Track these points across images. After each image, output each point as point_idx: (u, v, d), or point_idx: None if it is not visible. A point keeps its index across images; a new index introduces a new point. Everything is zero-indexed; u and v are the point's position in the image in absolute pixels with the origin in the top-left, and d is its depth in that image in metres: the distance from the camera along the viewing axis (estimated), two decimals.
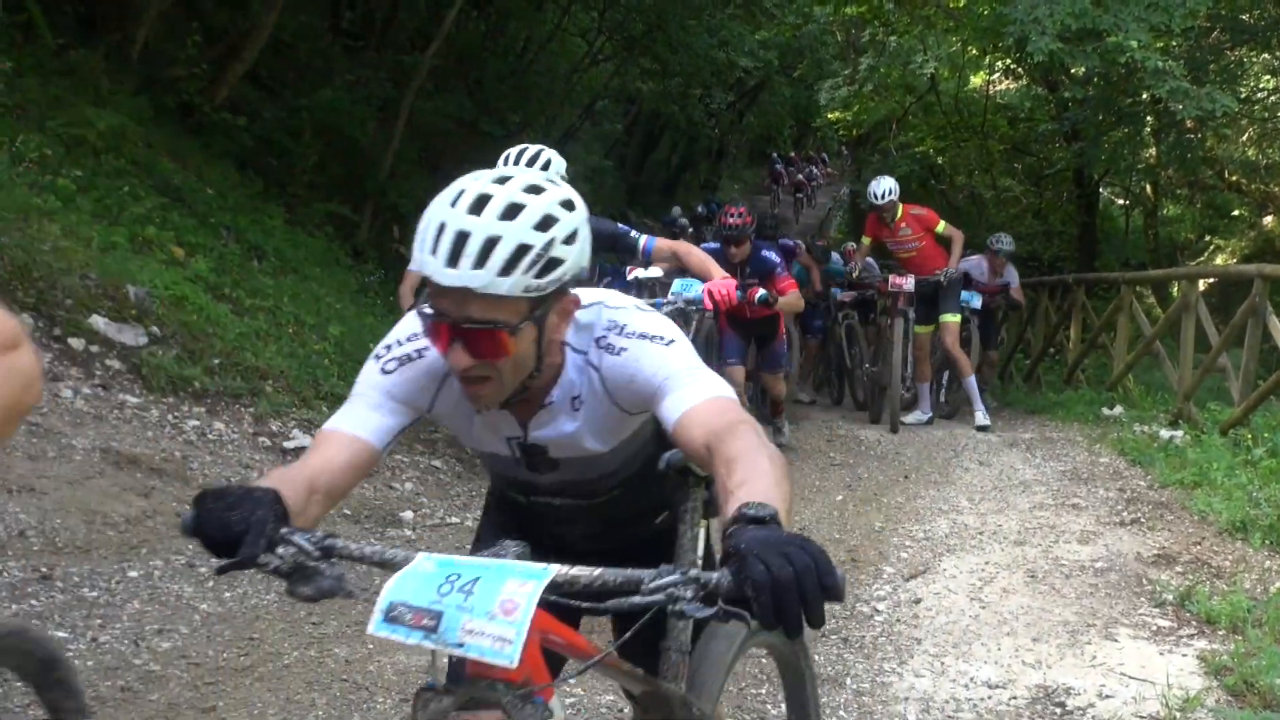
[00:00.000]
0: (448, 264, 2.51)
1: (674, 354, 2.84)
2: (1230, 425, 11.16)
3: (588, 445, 3.04)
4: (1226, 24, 21.11)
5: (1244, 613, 6.34)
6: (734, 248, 11.05)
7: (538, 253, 2.55)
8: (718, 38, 22.83)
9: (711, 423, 2.64)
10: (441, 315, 2.59)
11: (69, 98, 11.84)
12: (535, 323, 2.65)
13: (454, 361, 2.63)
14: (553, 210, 2.61)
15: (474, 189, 2.59)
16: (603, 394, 2.93)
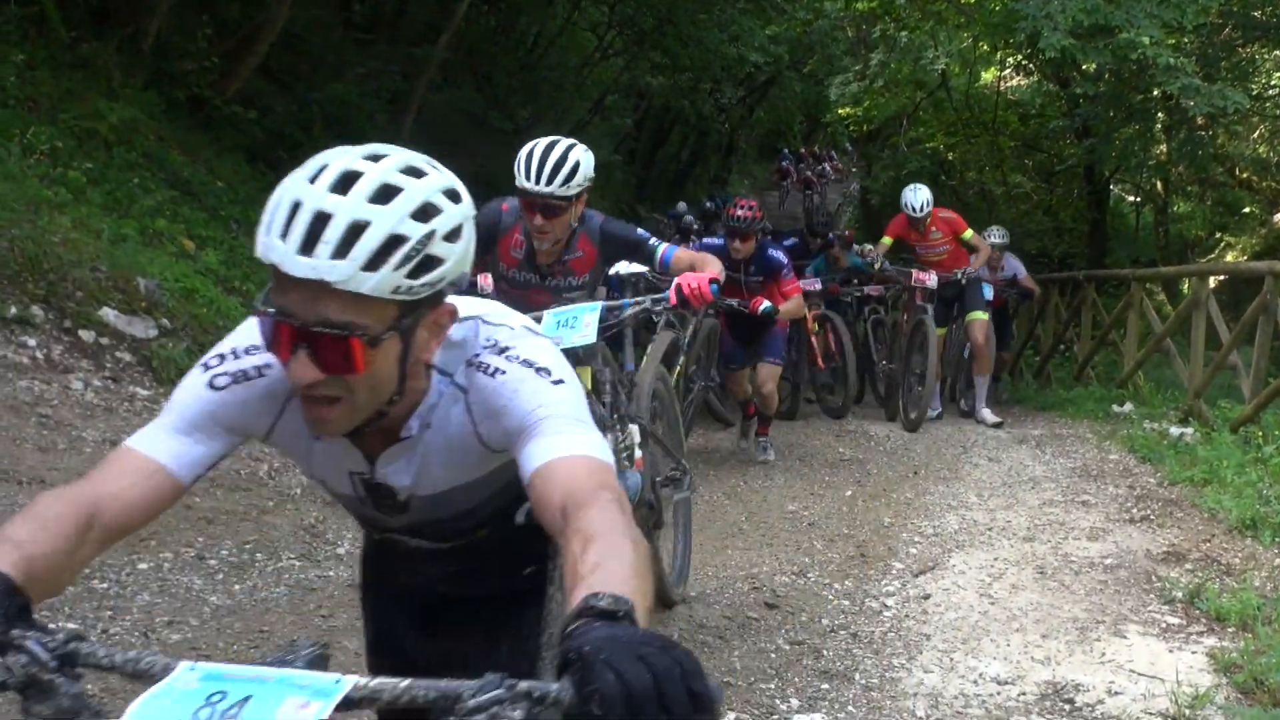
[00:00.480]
0: (300, 250, 2.08)
1: (559, 395, 2.36)
2: (1241, 423, 11.14)
3: (439, 483, 2.61)
4: (1238, 21, 21.03)
5: (1254, 610, 6.33)
6: (739, 242, 10.48)
7: (413, 246, 2.13)
8: (728, 32, 22.83)
9: (575, 485, 2.15)
10: (286, 315, 2.14)
11: (80, 91, 11.85)
12: (401, 335, 2.21)
13: (296, 374, 2.16)
14: (435, 198, 2.24)
15: (340, 164, 2.21)
16: (466, 422, 2.46)
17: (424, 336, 2.27)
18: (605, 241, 6.12)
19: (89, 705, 1.96)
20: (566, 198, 5.77)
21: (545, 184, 5.74)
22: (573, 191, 5.77)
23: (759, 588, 7.07)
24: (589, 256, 6.14)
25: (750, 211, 10.57)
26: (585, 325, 5.51)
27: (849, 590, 7.10)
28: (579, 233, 6.07)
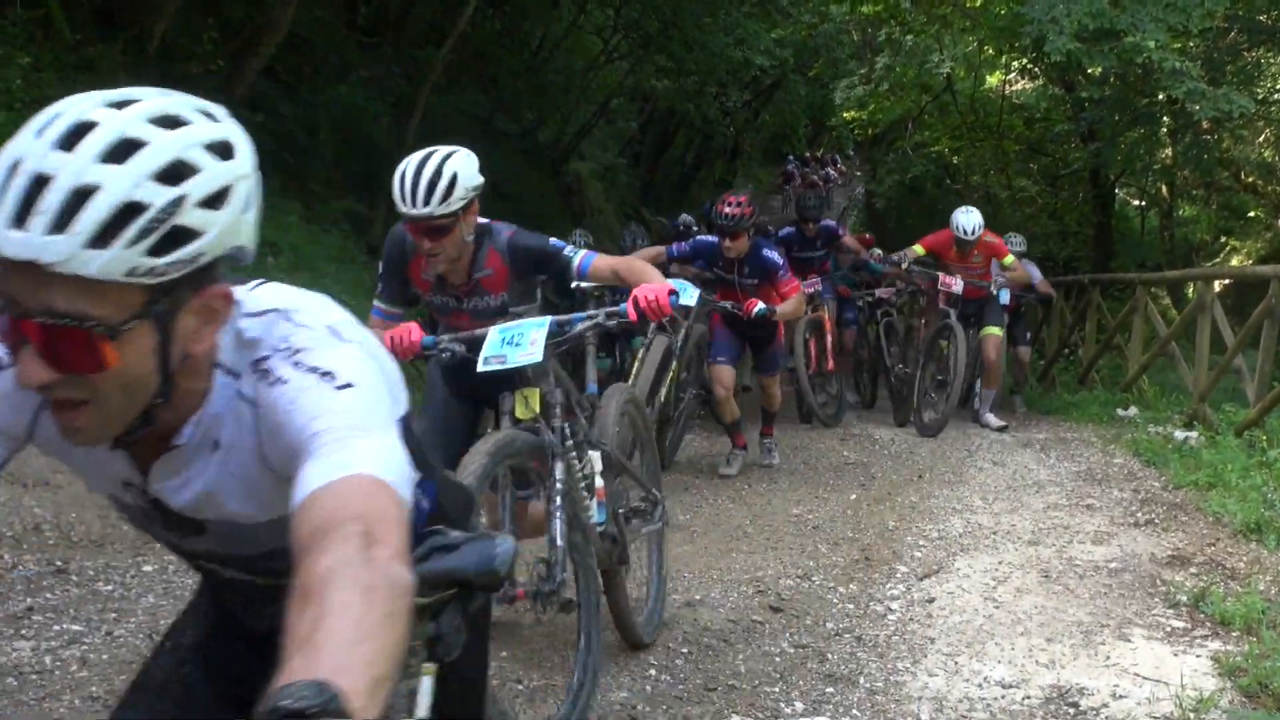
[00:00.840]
0: (12, 223, 1.68)
1: (342, 402, 1.90)
2: (1245, 427, 11.13)
3: (232, 510, 2.14)
4: (1244, 25, 21.04)
5: (1258, 614, 6.32)
6: (730, 241, 9.92)
7: (154, 217, 1.75)
8: (733, 36, 22.83)
9: (321, 518, 1.71)
10: (8, 303, 1.74)
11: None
12: (155, 323, 1.83)
13: (25, 375, 1.78)
14: (190, 155, 1.83)
15: (74, 112, 1.80)
16: (253, 441, 2.04)
17: (190, 325, 1.89)
18: (514, 256, 5.59)
19: None
20: (449, 215, 5.26)
21: (422, 205, 5.25)
22: (454, 207, 5.25)
23: (763, 591, 7.07)
24: (500, 273, 5.61)
25: (739, 208, 9.93)
26: (532, 342, 5.05)
27: (853, 594, 7.10)
28: (486, 248, 5.59)
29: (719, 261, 10.27)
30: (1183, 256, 27.29)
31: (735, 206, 9.93)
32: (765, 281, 10.12)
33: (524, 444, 4.96)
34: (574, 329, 5.27)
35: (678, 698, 5.38)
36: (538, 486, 5.28)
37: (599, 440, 5.67)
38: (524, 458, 4.99)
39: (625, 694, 5.38)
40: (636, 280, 5.33)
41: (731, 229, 9.89)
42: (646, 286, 5.20)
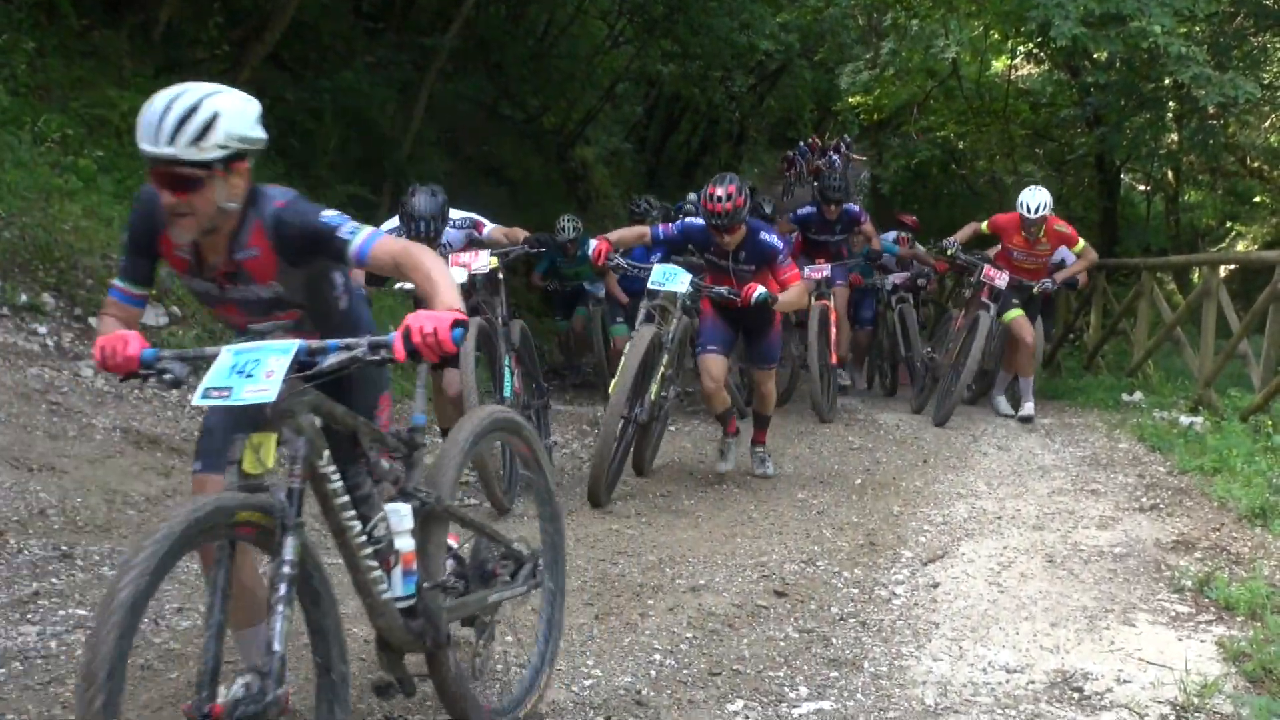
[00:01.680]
0: None
1: None
2: (1250, 412, 11.13)
3: None
4: (1250, 9, 21.00)
5: (1263, 599, 6.32)
6: (726, 236, 8.99)
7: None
8: (739, 20, 22.77)
9: None
10: None
11: (91, 79, 11.88)
12: None
13: None
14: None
15: None
16: None
17: None
18: (279, 234, 4.24)
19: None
20: (200, 164, 4.02)
21: (165, 142, 4.01)
22: (208, 155, 4.02)
23: (768, 576, 7.08)
24: (266, 256, 4.29)
25: (729, 202, 8.76)
26: (268, 374, 3.78)
27: (858, 578, 7.11)
28: (250, 222, 4.26)
29: (711, 246, 9.28)
30: (1188, 241, 27.25)
31: (726, 201, 8.76)
32: (764, 267, 9.13)
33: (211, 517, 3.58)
34: (326, 360, 3.91)
35: (682, 682, 5.39)
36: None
37: (418, 488, 4.48)
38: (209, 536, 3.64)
39: (629, 678, 5.39)
40: (421, 283, 4.14)
41: (727, 226, 8.90)
42: (425, 315, 3.85)
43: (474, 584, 4.84)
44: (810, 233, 13.89)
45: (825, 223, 13.73)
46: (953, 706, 5.19)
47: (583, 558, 7.26)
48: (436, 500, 4.48)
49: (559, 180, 25.43)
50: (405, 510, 4.35)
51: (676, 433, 11.96)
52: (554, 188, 24.23)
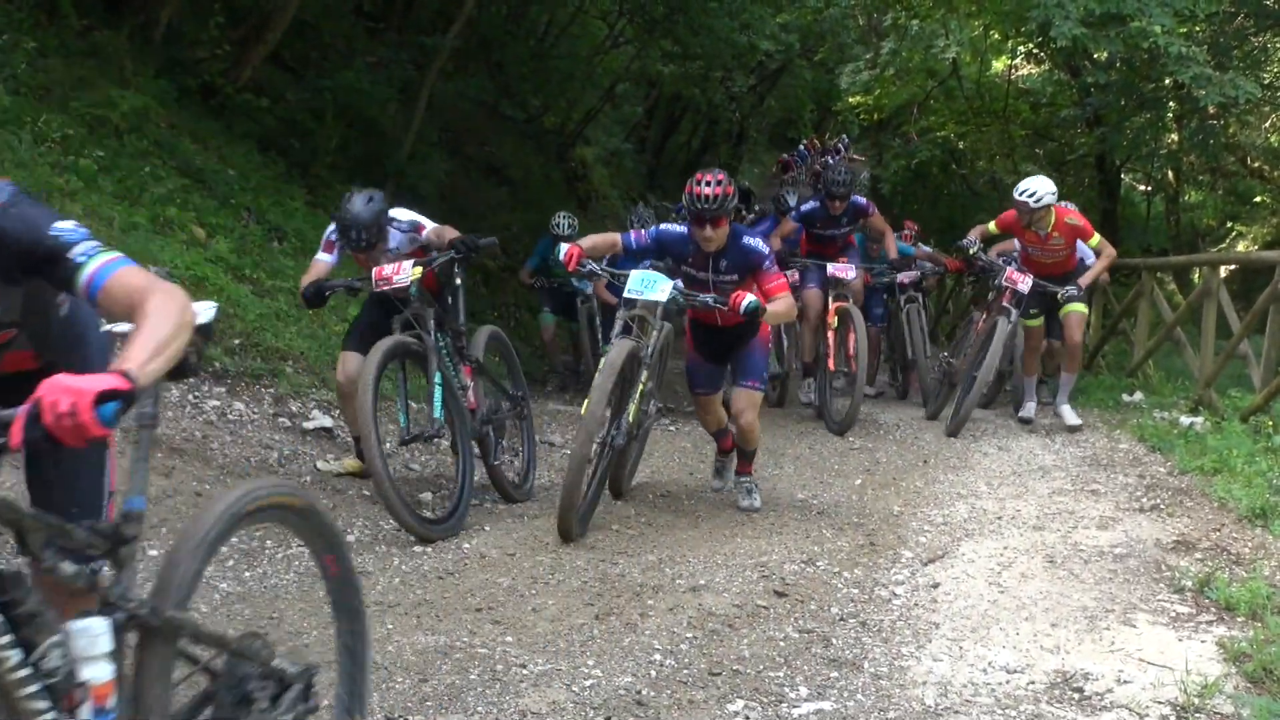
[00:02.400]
0: None
1: None
2: (1251, 412, 11.13)
3: None
4: (1250, 9, 21.03)
5: (1263, 600, 6.33)
6: (710, 229, 7.99)
7: None
8: (739, 20, 22.77)
9: None
10: None
11: (92, 78, 11.88)
12: None
13: None
14: None
15: None
16: None
17: None
18: None
19: None
20: None
21: None
22: None
23: (768, 576, 7.07)
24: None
25: (718, 186, 7.91)
26: None
27: (858, 579, 7.11)
28: None
29: (689, 257, 8.35)
30: (1188, 241, 27.33)
31: (714, 185, 7.89)
32: (747, 277, 8.20)
33: None
34: None
35: (682, 682, 5.39)
36: None
37: (125, 597, 3.27)
38: None
39: (629, 678, 5.39)
40: (152, 327, 3.11)
41: (713, 214, 7.94)
42: (63, 385, 2.79)
43: (224, 711, 3.64)
44: (815, 228, 13.33)
45: (830, 218, 13.14)
46: (953, 707, 5.19)
47: (582, 558, 7.27)
48: (152, 612, 3.30)
49: (559, 180, 25.45)
50: (99, 628, 3.21)
51: (676, 433, 11.98)
52: (554, 187, 24.24)
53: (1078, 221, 12.08)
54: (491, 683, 5.21)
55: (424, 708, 4.93)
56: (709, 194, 7.86)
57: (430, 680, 5.19)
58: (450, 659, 5.47)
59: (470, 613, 6.18)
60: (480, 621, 6.06)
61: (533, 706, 5.00)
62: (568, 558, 7.23)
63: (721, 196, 7.88)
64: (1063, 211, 12.00)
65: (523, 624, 5.96)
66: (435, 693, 5.06)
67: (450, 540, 7.57)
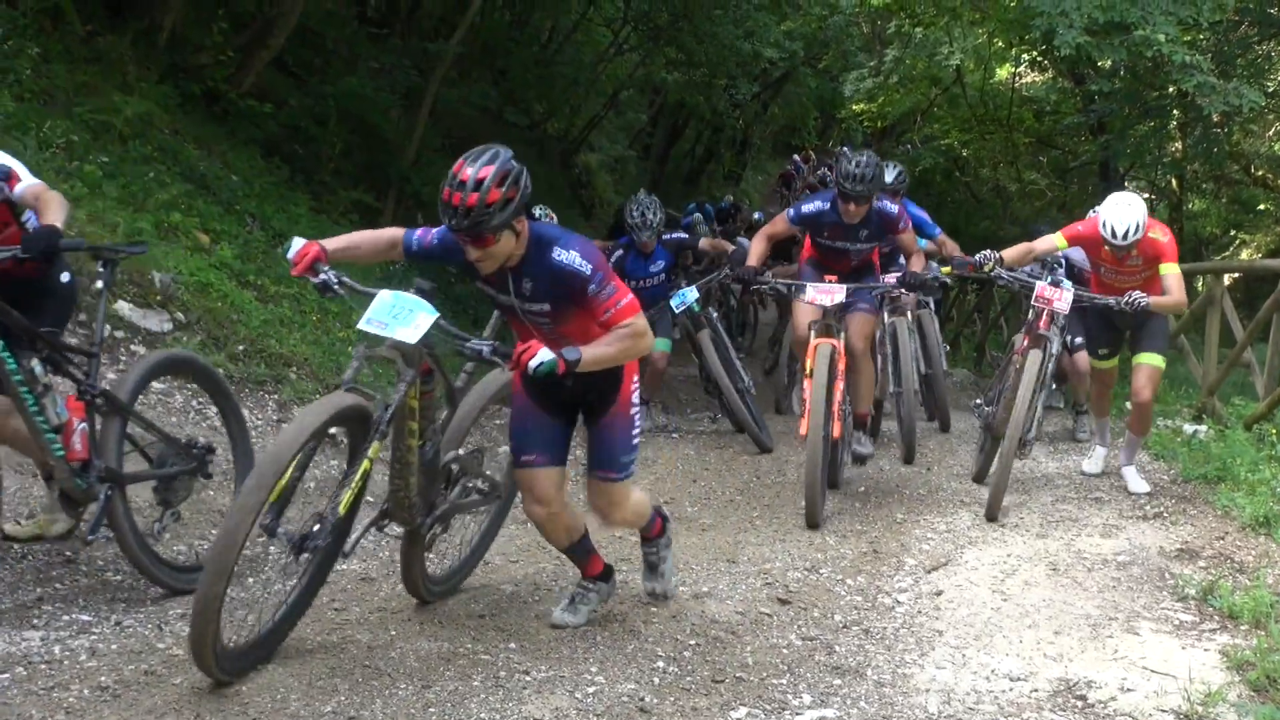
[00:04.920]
0: None
1: None
2: (1254, 420, 11.12)
3: None
4: (1255, 18, 21.02)
5: (1267, 608, 6.33)
6: (473, 248, 5.36)
7: None
8: (743, 28, 22.81)
9: None
10: None
11: (96, 84, 11.89)
12: None
13: None
14: None
15: None
16: None
17: None
18: None
19: None
20: None
21: None
22: None
23: (771, 583, 7.07)
24: None
25: (473, 192, 5.28)
26: None
27: (861, 586, 7.10)
28: None
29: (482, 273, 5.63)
30: (1192, 250, 27.30)
31: (471, 192, 5.29)
32: (567, 306, 5.53)
33: None
34: None
35: (685, 689, 5.38)
36: None
37: None
38: None
39: (632, 685, 5.38)
40: None
41: (467, 232, 5.31)
42: None
43: None
44: (823, 237, 9.58)
45: (842, 226, 9.40)
46: (956, 714, 5.19)
47: None
48: None
49: (563, 186, 25.47)
50: None
51: (680, 439, 11.96)
52: (558, 194, 24.23)
53: (1161, 237, 9.21)
54: (495, 689, 5.21)
55: (427, 714, 4.92)
56: (459, 203, 5.26)
57: (433, 686, 5.18)
58: (453, 665, 5.46)
59: (473, 619, 6.18)
60: (483, 628, 6.05)
61: (536, 713, 5.00)
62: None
63: (479, 209, 5.24)
64: (1146, 224, 9.13)
65: (526, 631, 5.95)
66: (438, 699, 5.05)
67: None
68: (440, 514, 6.14)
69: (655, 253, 11.77)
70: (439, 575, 6.49)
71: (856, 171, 9.06)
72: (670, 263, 11.91)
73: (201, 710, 4.80)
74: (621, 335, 5.47)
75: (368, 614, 6.08)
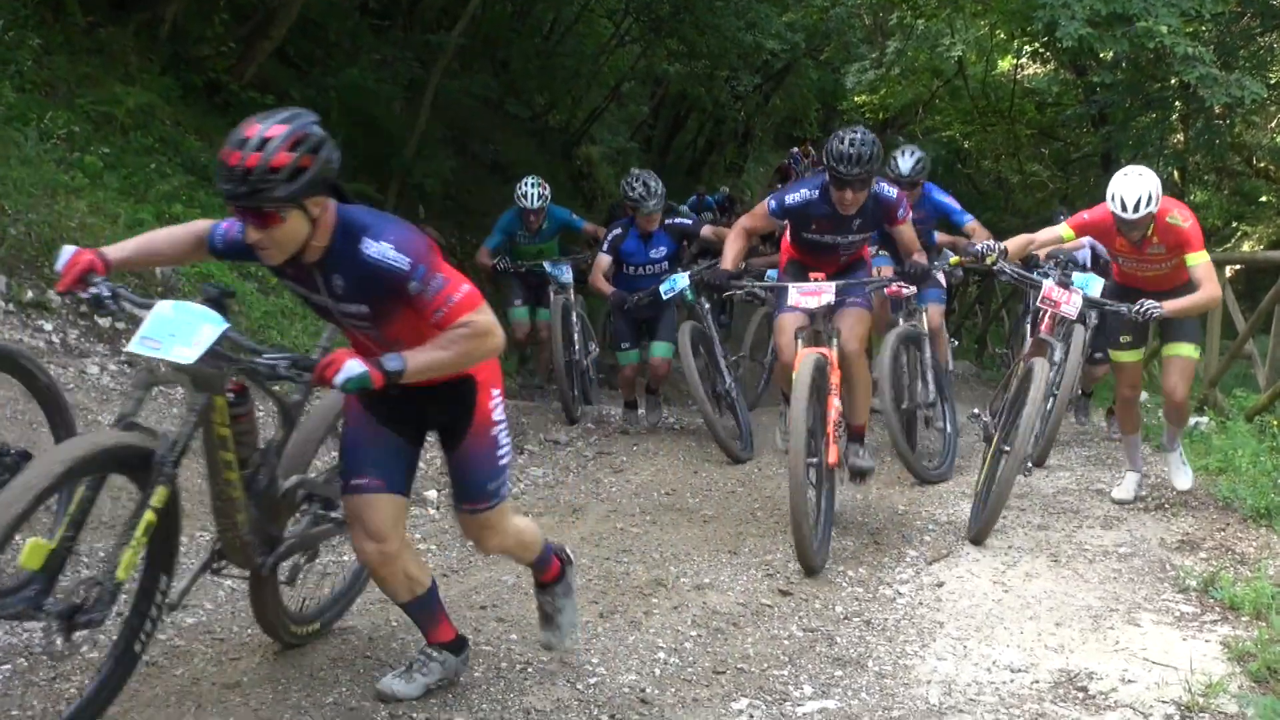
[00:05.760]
0: None
1: None
2: (1256, 412, 11.12)
3: None
4: (1257, 9, 20.98)
5: (1268, 599, 6.32)
6: (253, 229, 4.43)
7: None
8: (745, 19, 22.79)
9: None
10: None
11: (97, 75, 11.89)
12: None
13: None
14: None
15: None
16: None
17: None
18: None
19: None
20: None
21: None
22: None
23: (772, 575, 7.07)
24: None
25: (255, 152, 4.37)
26: None
27: (862, 577, 7.10)
28: None
29: (287, 268, 4.63)
30: None
31: (253, 151, 4.38)
32: (392, 305, 4.54)
33: None
34: None
35: (686, 680, 5.39)
36: None
37: None
38: None
39: (634, 676, 5.39)
40: None
41: (244, 199, 4.38)
42: None
43: None
44: (809, 229, 8.13)
45: (833, 216, 7.96)
46: (957, 706, 5.19)
47: (587, 556, 7.27)
48: None
49: (564, 178, 25.44)
50: None
51: (681, 431, 11.95)
52: (559, 186, 24.22)
53: (1182, 222, 8.20)
54: (496, 680, 5.22)
55: (428, 705, 4.93)
56: (238, 164, 4.36)
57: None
58: None
59: (475, 610, 6.19)
60: (485, 619, 6.06)
61: (537, 704, 5.01)
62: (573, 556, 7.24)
63: (260, 172, 4.34)
64: (1163, 210, 8.13)
65: (527, 621, 5.95)
66: (440, 690, 5.06)
67: (454, 538, 7.56)
68: (287, 550, 5.20)
69: (656, 237, 11.30)
70: (310, 610, 5.67)
71: (850, 151, 7.54)
72: (672, 250, 11.40)
73: (202, 701, 4.81)
74: (458, 336, 4.49)
75: (368, 604, 6.08)
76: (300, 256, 4.50)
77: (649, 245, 11.23)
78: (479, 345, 4.55)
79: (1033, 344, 8.46)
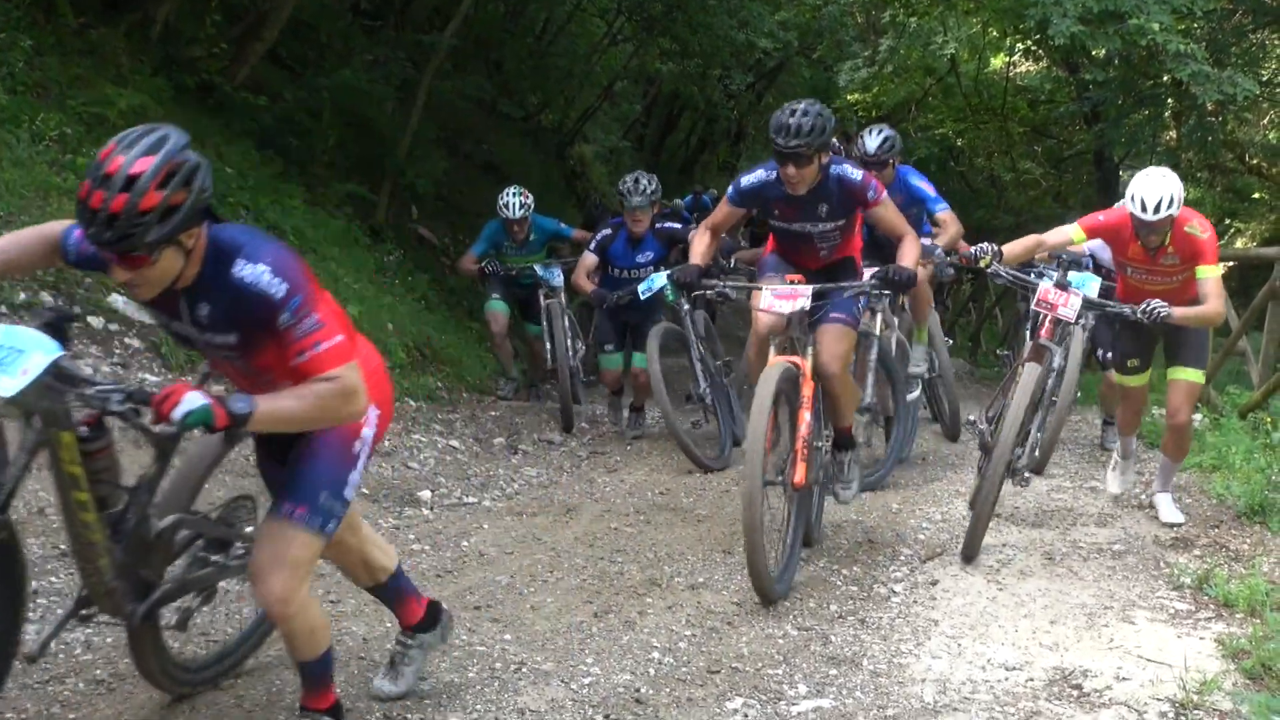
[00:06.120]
0: None
1: None
2: (1249, 409, 11.13)
3: None
4: (1248, 6, 20.99)
5: (1262, 596, 6.34)
6: (121, 269, 3.90)
7: None
8: (737, 18, 22.75)
9: None
10: None
11: (89, 77, 11.86)
12: None
13: None
14: None
15: None
16: None
17: None
18: None
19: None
20: None
21: None
22: None
23: None
24: None
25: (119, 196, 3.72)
26: None
27: (857, 576, 7.11)
28: None
29: None
30: None
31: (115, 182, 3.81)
32: (260, 336, 4.13)
33: None
34: None
35: (681, 680, 5.39)
36: None
37: None
38: None
39: (628, 676, 5.39)
40: None
41: (103, 243, 3.87)
42: None
43: None
44: (774, 218, 7.46)
45: (793, 202, 7.19)
46: (952, 704, 5.20)
47: (581, 556, 7.27)
48: None
49: (557, 178, 25.44)
50: None
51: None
52: (553, 185, 24.22)
53: (1200, 233, 7.70)
54: (490, 681, 5.22)
55: (422, 706, 4.93)
56: (98, 205, 3.72)
57: (429, 678, 5.19)
58: (449, 657, 5.47)
59: (469, 611, 6.19)
60: (479, 620, 6.06)
61: (531, 704, 5.01)
62: (566, 556, 7.24)
63: (127, 217, 3.73)
64: (1182, 218, 7.66)
65: (521, 622, 5.96)
66: (434, 691, 5.06)
67: (449, 539, 7.56)
68: (164, 595, 4.64)
69: (645, 241, 11.16)
70: (208, 657, 5.20)
71: (791, 122, 6.82)
72: (660, 255, 11.16)
73: (196, 704, 4.80)
74: (323, 391, 4.01)
75: (362, 606, 6.08)
76: (170, 285, 4.01)
77: (637, 249, 11.12)
78: (340, 406, 4.07)
79: (1031, 349, 8.11)
